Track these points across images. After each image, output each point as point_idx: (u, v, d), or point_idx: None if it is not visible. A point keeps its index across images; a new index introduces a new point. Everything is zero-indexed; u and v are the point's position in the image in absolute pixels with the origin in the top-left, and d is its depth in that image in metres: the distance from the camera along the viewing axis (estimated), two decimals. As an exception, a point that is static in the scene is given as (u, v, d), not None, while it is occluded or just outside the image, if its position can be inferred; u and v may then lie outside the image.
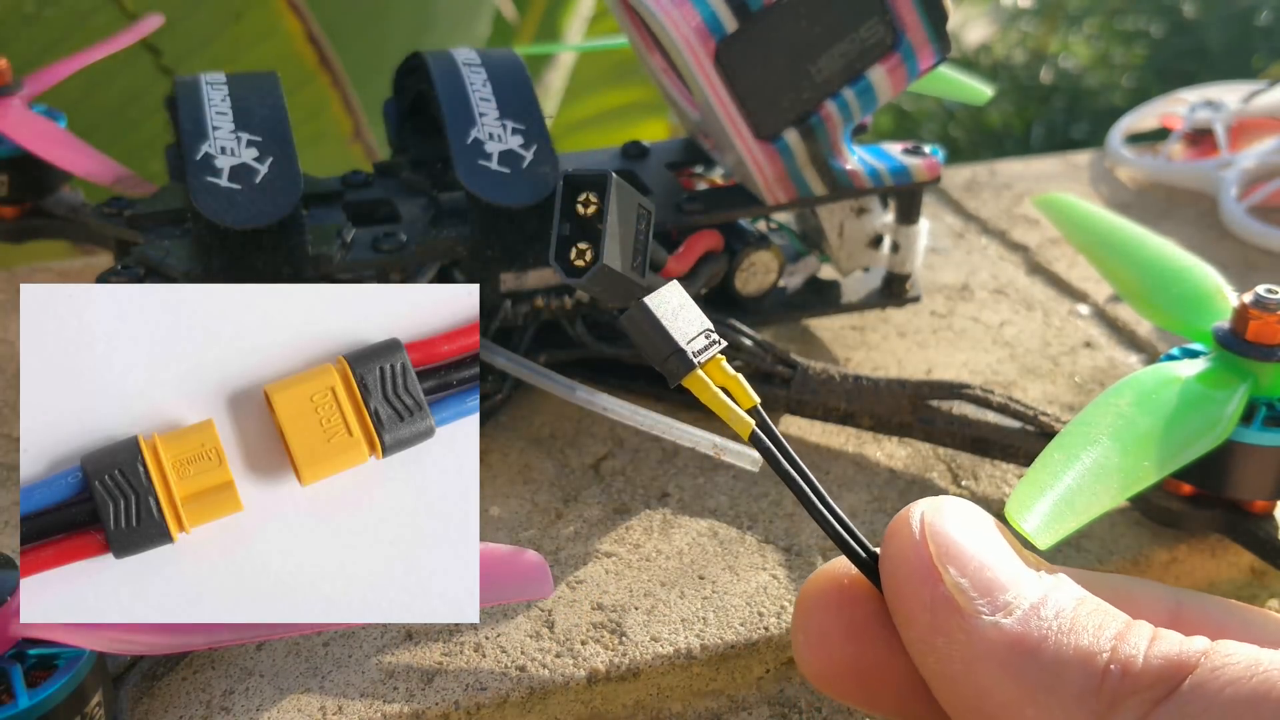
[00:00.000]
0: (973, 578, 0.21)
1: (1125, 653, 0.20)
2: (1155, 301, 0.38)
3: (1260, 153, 0.59)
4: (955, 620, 0.21)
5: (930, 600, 0.21)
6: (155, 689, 0.30)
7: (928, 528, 0.22)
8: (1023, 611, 0.21)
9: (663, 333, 0.23)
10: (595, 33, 1.22)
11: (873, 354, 0.46)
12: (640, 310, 0.23)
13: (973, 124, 1.94)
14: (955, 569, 0.21)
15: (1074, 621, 0.21)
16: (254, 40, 0.75)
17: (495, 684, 0.31)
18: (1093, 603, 0.21)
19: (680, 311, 0.23)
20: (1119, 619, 0.21)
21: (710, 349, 0.23)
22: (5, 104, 0.46)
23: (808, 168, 0.40)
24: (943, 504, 0.23)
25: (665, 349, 0.23)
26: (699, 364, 0.23)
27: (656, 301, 0.23)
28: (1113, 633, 0.20)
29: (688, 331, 0.23)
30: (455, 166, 0.38)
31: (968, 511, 0.23)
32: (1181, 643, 0.20)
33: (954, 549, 0.22)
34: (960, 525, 0.22)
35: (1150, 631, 0.21)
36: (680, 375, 0.23)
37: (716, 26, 0.37)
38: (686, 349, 0.23)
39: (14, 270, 0.52)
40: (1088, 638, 0.20)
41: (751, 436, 0.23)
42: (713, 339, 0.23)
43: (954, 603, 0.21)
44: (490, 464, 0.39)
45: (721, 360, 0.24)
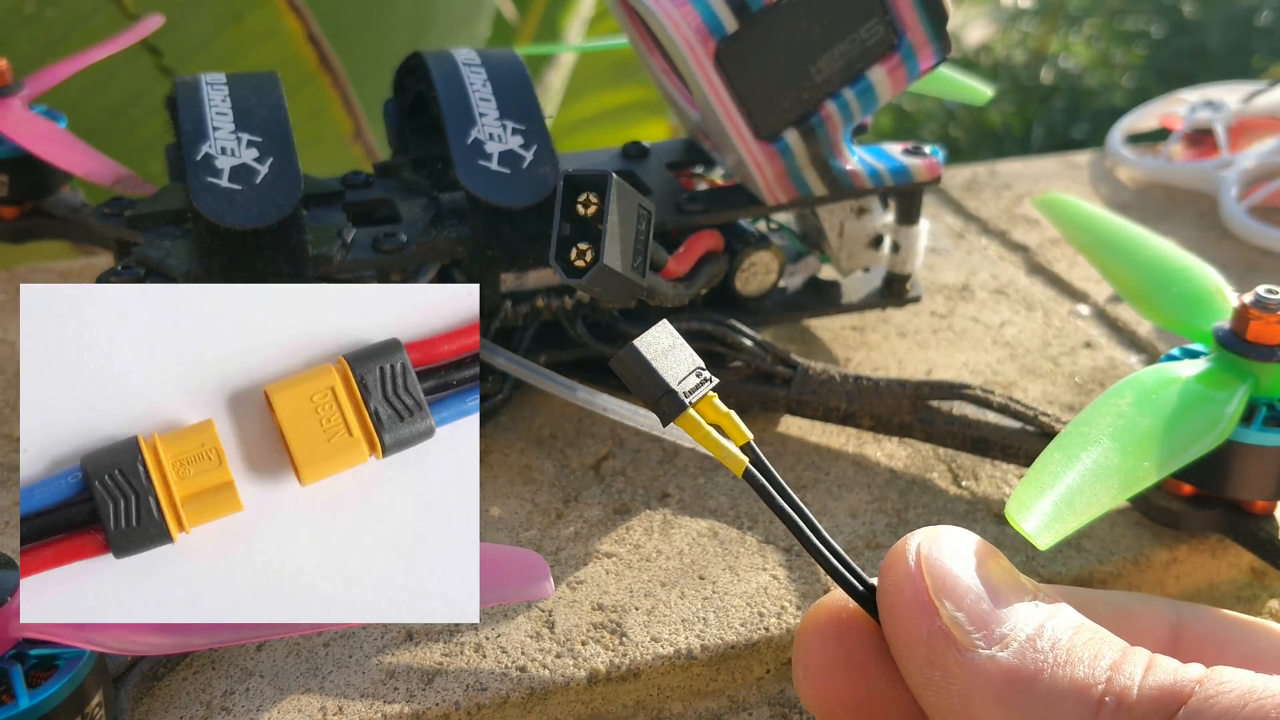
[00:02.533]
0: (969, 611, 0.21)
1: (1120, 683, 0.20)
2: (1155, 301, 0.38)
3: (1260, 153, 0.59)
4: (951, 654, 0.21)
5: (927, 634, 0.21)
6: (155, 689, 0.30)
7: (924, 560, 0.22)
8: (1018, 644, 0.21)
9: (653, 374, 0.23)
10: (595, 33, 1.22)
11: (873, 354, 0.46)
12: (630, 353, 0.23)
13: (973, 124, 1.94)
14: (951, 602, 0.22)
15: (1070, 652, 0.21)
16: (254, 41, 0.75)
17: (496, 684, 0.31)
18: (1089, 631, 0.21)
19: (671, 351, 0.23)
20: (1115, 647, 0.21)
21: (702, 387, 0.23)
22: (5, 104, 0.46)
23: (808, 168, 0.40)
24: (939, 534, 0.23)
25: (656, 390, 0.23)
26: (690, 403, 0.23)
27: (646, 343, 0.23)
28: (1108, 662, 0.21)
29: (678, 371, 0.23)
30: (455, 166, 0.38)
31: (964, 541, 0.23)
32: (1176, 671, 0.20)
33: (950, 581, 0.22)
34: (957, 556, 0.22)
35: (1146, 660, 0.21)
36: (673, 416, 0.23)
37: (717, 27, 0.37)
38: (678, 389, 0.23)
39: (14, 270, 0.52)
40: (1083, 669, 0.20)
41: (745, 473, 0.23)
42: (704, 377, 0.24)
43: (950, 637, 0.21)
44: (490, 464, 0.39)
45: (714, 398, 0.24)
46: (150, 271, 0.38)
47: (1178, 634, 0.24)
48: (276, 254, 0.37)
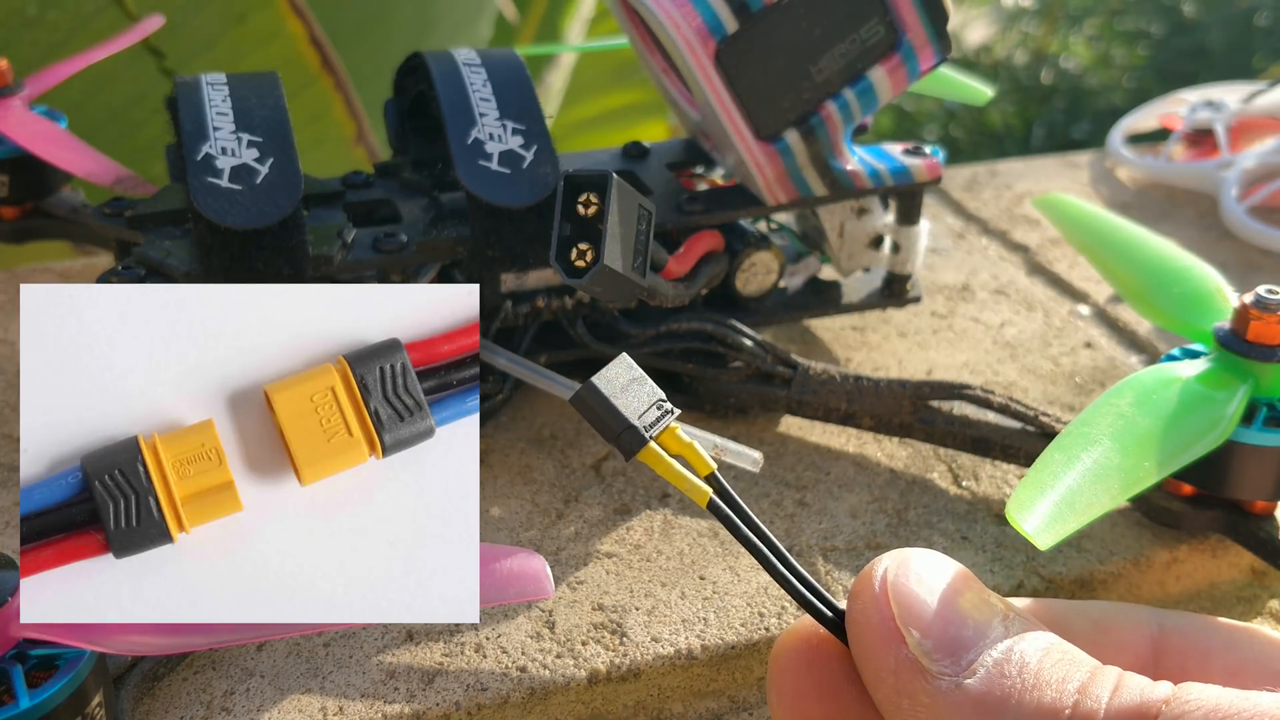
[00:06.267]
0: (936, 638, 0.21)
1: (1087, 706, 0.20)
2: (1155, 302, 0.38)
3: (1260, 153, 0.59)
4: (919, 683, 0.21)
5: (894, 663, 0.21)
6: (156, 689, 0.30)
7: (890, 586, 0.22)
8: (986, 670, 0.21)
9: (612, 411, 0.23)
10: (595, 33, 1.22)
11: (873, 354, 0.46)
12: (589, 390, 0.23)
13: (973, 124, 1.94)
14: (918, 630, 0.22)
15: (1038, 676, 0.21)
16: (257, 43, 0.75)
17: (496, 684, 0.31)
18: (1059, 651, 0.21)
19: (630, 386, 0.23)
20: (1084, 667, 0.21)
21: (664, 419, 0.23)
22: (5, 105, 0.46)
23: (808, 168, 0.40)
24: (907, 558, 0.23)
25: (616, 427, 0.23)
26: (651, 437, 0.23)
27: (605, 379, 0.23)
28: (1076, 685, 0.20)
29: (638, 407, 0.23)
30: (455, 166, 0.38)
31: (932, 564, 0.23)
32: (1143, 690, 0.20)
33: (917, 608, 0.22)
34: (924, 580, 0.22)
35: (1114, 680, 0.21)
36: (634, 451, 0.23)
37: (717, 27, 0.37)
38: (638, 424, 0.23)
39: (14, 270, 0.52)
40: (1051, 693, 0.20)
41: (709, 504, 0.23)
42: (665, 409, 0.24)
43: (918, 665, 0.21)
44: (490, 464, 0.39)
45: (677, 429, 0.24)
46: (150, 271, 0.38)
47: (1159, 645, 0.24)
48: (277, 254, 0.37)
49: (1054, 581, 0.35)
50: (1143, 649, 0.24)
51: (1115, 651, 0.22)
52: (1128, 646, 0.24)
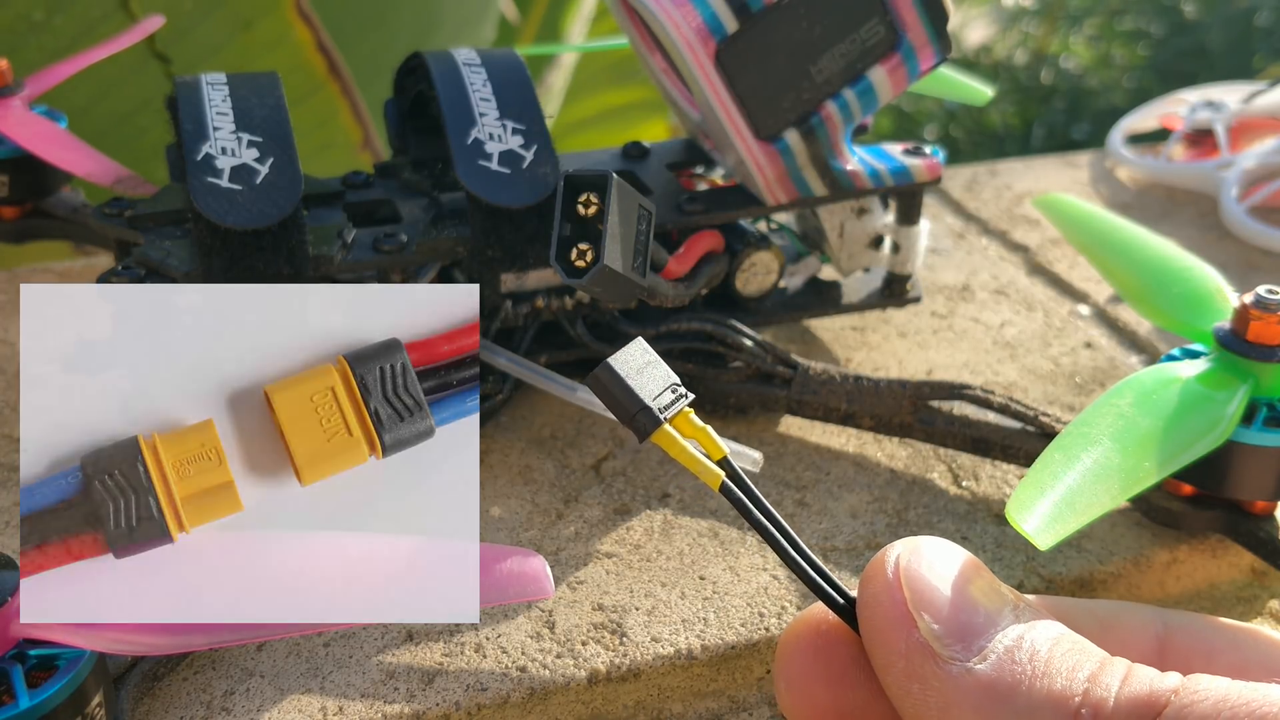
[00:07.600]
0: (947, 623, 0.22)
1: (1097, 695, 0.20)
2: (1155, 302, 0.38)
3: (1260, 153, 0.59)
4: (930, 667, 0.21)
5: (905, 647, 0.22)
6: (156, 689, 0.30)
7: (903, 572, 0.22)
8: (997, 656, 0.21)
9: (628, 391, 0.23)
10: (596, 33, 1.22)
11: (873, 354, 0.46)
12: (605, 371, 0.23)
13: (973, 124, 1.94)
14: (930, 615, 0.22)
15: (1048, 664, 0.21)
16: (264, 49, 0.75)
17: (496, 684, 0.31)
18: (1069, 641, 0.21)
19: (646, 368, 0.23)
20: (1094, 657, 0.21)
21: (678, 403, 0.24)
22: (6, 104, 0.46)
23: (808, 168, 0.40)
24: (919, 545, 0.23)
25: (632, 407, 0.23)
26: (666, 419, 0.23)
27: (621, 361, 0.23)
28: (1086, 674, 0.21)
29: (654, 388, 0.23)
30: (455, 166, 0.38)
31: (944, 552, 0.23)
32: (1152, 680, 0.20)
33: (929, 593, 0.22)
34: (936, 567, 0.22)
35: (1124, 670, 0.21)
36: (648, 432, 0.23)
37: (717, 27, 0.37)
38: (652, 405, 0.23)
39: (14, 271, 0.52)
40: (1061, 681, 0.20)
41: (721, 488, 0.23)
42: (680, 393, 0.24)
43: (929, 649, 0.21)
44: (490, 464, 0.39)
45: (690, 413, 0.24)
46: (150, 271, 0.38)
47: (1164, 644, 0.24)
48: (277, 254, 0.37)
49: (1054, 581, 0.35)
50: (1148, 647, 0.24)
51: (1120, 649, 0.22)
52: (1133, 644, 0.24)
